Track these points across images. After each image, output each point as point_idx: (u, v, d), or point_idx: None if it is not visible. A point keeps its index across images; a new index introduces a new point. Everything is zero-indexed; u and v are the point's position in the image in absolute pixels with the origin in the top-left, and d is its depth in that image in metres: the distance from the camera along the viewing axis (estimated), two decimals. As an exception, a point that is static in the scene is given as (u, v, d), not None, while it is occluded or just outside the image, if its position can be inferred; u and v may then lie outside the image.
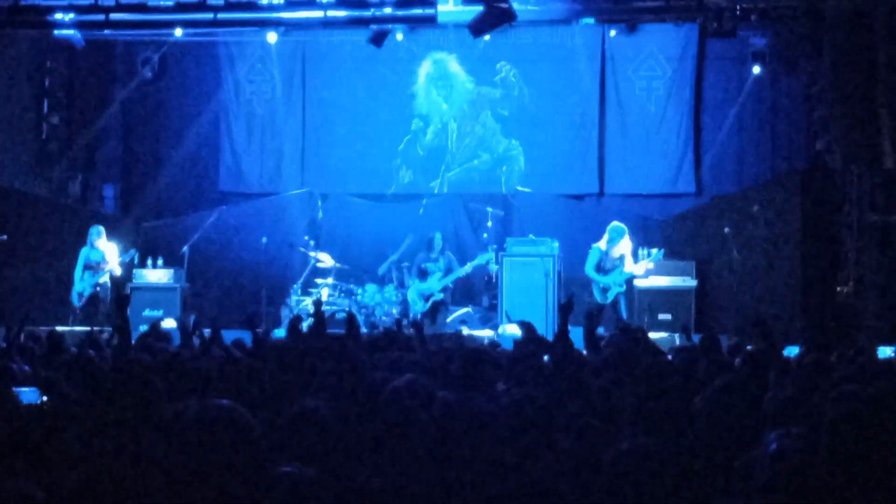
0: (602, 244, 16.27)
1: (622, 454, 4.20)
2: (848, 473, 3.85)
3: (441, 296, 17.22)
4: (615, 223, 16.43)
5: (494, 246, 17.77)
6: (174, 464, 4.08)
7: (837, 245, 16.26)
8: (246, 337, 9.96)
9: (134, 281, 17.82)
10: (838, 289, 16.13)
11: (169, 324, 14.24)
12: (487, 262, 17.52)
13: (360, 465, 4.66)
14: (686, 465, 4.56)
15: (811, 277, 16.07)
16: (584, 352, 8.75)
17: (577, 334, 8.34)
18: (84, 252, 16.74)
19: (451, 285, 17.39)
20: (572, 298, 8.42)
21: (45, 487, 4.05)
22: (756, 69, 18.71)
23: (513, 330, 15.63)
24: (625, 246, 16.30)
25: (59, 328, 14.01)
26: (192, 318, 12.82)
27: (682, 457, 4.65)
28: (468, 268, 17.45)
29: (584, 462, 4.71)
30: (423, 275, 17.31)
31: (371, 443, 4.96)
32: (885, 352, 10.98)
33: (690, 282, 17.19)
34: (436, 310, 17.21)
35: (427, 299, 17.20)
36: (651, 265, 16.72)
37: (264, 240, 18.60)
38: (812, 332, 14.14)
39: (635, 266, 16.41)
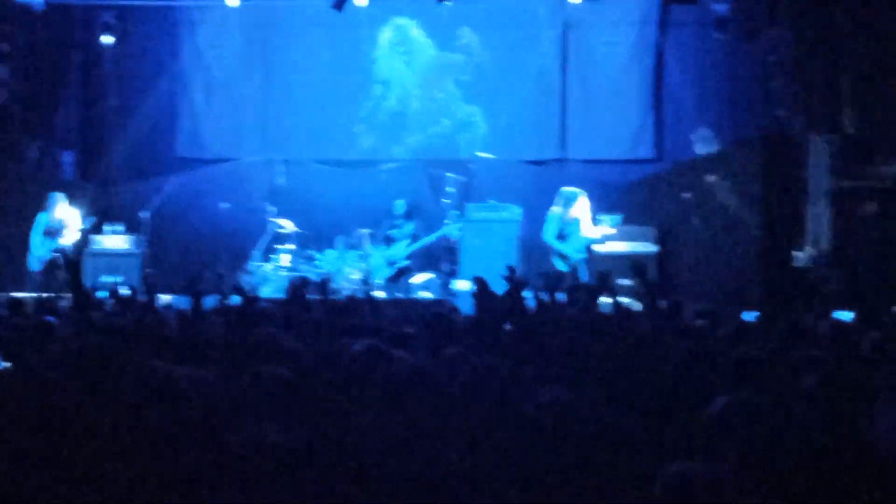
0: (558, 209, 16.03)
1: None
2: (807, 443, 3.86)
3: (407, 262, 17.24)
4: (566, 187, 16.27)
5: (458, 212, 17.72)
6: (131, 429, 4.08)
7: (797, 211, 16.32)
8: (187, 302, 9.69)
9: (92, 247, 17.72)
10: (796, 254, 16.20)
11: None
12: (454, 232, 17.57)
13: (324, 427, 4.66)
14: (639, 423, 4.60)
15: (770, 243, 16.11)
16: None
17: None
18: (42, 218, 16.62)
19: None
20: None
21: (6, 455, 4.02)
22: (718, 36, 18.73)
23: (465, 286, 15.66)
24: (580, 209, 16.06)
25: (18, 294, 13.93)
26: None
27: (638, 414, 4.69)
28: (436, 235, 17.49)
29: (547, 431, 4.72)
30: (388, 241, 17.32)
31: (331, 406, 4.96)
32: (844, 316, 11.04)
33: (651, 247, 17.19)
34: (401, 276, 17.25)
35: (393, 265, 17.21)
36: (613, 231, 16.59)
37: (225, 205, 18.51)
38: (770, 298, 14.20)
39: (593, 230, 16.21)
